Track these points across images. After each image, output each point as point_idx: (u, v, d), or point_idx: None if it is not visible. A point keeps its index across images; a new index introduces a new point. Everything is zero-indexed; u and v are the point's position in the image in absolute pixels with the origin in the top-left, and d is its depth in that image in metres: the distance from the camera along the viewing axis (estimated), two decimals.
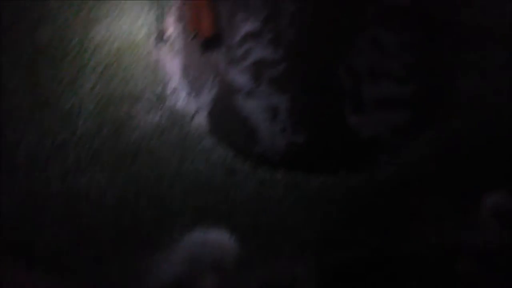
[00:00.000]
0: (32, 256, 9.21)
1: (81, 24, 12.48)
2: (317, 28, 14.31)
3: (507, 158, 12.94)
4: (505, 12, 14.49)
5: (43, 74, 12.20)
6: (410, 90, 13.75)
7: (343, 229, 11.69)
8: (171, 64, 12.65)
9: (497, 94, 14.32)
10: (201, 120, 12.93)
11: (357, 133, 12.76)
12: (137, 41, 12.79)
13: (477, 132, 13.74)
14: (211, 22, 13.12)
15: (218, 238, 6.32)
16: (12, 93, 11.85)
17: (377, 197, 12.32)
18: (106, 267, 9.82)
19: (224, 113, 12.80)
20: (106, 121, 11.94)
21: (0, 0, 12.48)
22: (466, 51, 14.22)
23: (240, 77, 13.02)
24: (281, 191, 12.06)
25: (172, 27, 13.10)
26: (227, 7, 14.24)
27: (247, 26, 14.16)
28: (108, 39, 12.60)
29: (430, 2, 14.69)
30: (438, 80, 14.00)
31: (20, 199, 10.11)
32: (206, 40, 13.12)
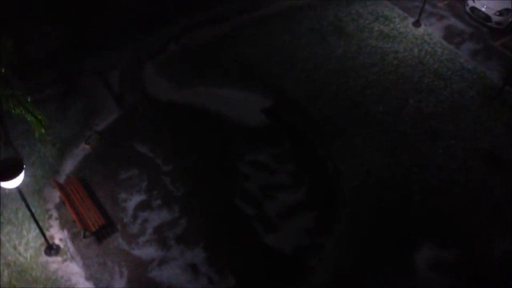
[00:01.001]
0: None
1: None
2: (201, 176, 15.15)
3: (417, 215, 14.20)
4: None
5: None
6: (304, 192, 14.85)
7: None
8: (71, 268, 12.10)
9: (375, 165, 15.90)
10: None
11: (280, 250, 13.12)
12: (28, 261, 12.21)
13: (380, 203, 14.95)
14: (96, 214, 13.18)
15: None
16: None
17: None
18: None
19: None
20: None
21: None
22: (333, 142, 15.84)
23: (146, 250, 12.91)
24: None
25: (58, 234, 12.78)
26: (106, 193, 14.46)
27: (134, 201, 14.44)
28: None
29: (285, 115, 16.63)
30: (322, 174, 15.29)
31: None
32: (98, 231, 12.98)
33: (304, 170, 15.36)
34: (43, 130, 13.00)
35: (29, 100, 12.77)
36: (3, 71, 13.15)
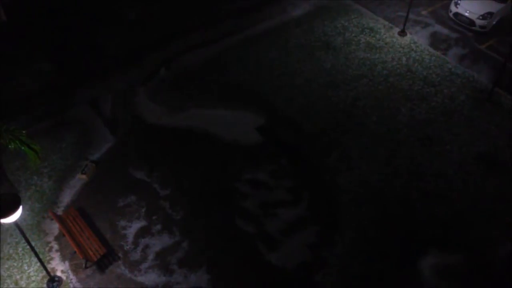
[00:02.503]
0: None
1: None
2: (200, 198, 15.23)
3: (418, 223, 14.31)
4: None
5: None
6: (304, 207, 14.96)
7: None
8: None
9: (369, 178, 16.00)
10: None
11: (285, 269, 13.18)
12: None
13: (380, 213, 15.05)
14: (97, 244, 13.26)
15: None
16: None
17: None
18: None
19: None
20: None
21: None
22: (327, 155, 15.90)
23: (149, 276, 13.03)
24: None
25: (60, 266, 12.86)
26: (105, 222, 14.53)
27: (133, 228, 14.52)
28: None
29: (280, 131, 16.79)
30: (321, 188, 15.40)
31: None
32: (100, 261, 13.04)
33: (302, 185, 15.55)
34: (38, 161, 13.17)
35: (24, 132, 13.01)
36: None
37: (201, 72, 19.30)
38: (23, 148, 12.58)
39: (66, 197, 14.93)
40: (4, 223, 10.99)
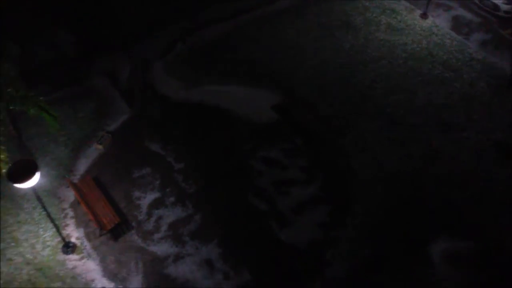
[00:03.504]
0: None
1: None
2: (213, 173, 15.31)
3: (430, 207, 14.21)
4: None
5: None
6: (317, 186, 14.96)
7: None
8: (88, 266, 12.42)
9: (385, 160, 15.85)
10: None
11: (295, 246, 13.27)
12: (46, 259, 12.65)
13: (392, 195, 14.95)
14: (111, 213, 13.44)
15: None
16: None
17: None
18: None
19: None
20: None
21: None
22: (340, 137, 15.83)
23: (161, 246, 13.19)
24: None
25: (74, 233, 13.07)
26: (120, 191, 14.68)
27: (147, 199, 14.67)
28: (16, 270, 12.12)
29: (295, 111, 16.66)
30: (334, 169, 15.38)
31: None
32: (114, 229, 13.23)
33: (316, 165, 15.52)
34: (57, 126, 13.38)
35: (41, 99, 13.14)
36: (12, 74, 13.51)
37: (218, 48, 19.18)
38: (42, 114, 12.71)
39: (82, 166, 15.14)
40: (21, 189, 11.16)
